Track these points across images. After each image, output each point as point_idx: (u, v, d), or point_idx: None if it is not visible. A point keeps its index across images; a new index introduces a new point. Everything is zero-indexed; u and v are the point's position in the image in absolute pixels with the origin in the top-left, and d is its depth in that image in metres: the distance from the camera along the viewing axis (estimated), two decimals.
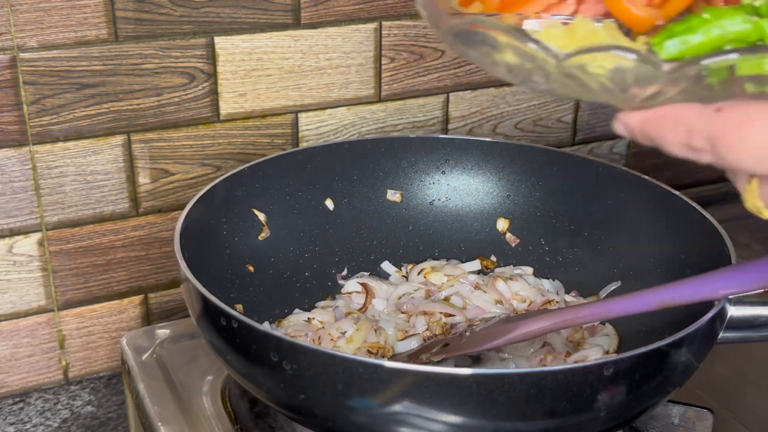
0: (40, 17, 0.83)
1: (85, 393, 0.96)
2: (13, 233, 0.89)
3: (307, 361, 0.61)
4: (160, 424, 0.76)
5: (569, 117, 1.14)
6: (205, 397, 0.80)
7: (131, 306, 0.97)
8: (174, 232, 0.74)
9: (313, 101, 0.98)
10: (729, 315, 0.68)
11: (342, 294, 0.87)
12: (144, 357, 0.85)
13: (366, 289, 0.86)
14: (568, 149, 1.15)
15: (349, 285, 0.88)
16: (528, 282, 0.87)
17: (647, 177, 0.84)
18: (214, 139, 0.95)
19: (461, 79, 1.05)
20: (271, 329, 0.81)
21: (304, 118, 0.99)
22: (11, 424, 0.91)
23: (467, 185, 0.92)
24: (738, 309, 0.68)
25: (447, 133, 1.07)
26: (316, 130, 1.00)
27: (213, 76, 0.92)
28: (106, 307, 0.96)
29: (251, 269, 0.84)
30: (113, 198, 0.92)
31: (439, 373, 0.58)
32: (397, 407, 0.60)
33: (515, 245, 0.91)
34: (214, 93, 0.93)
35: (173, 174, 0.94)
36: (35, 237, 0.90)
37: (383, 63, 1.00)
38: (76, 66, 0.86)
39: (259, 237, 0.85)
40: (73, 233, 0.92)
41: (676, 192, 0.82)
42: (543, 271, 0.90)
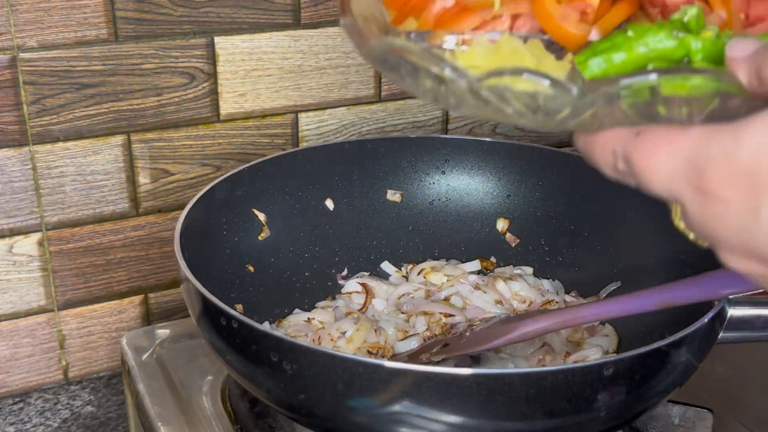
0: (40, 17, 0.83)
1: (85, 393, 0.96)
2: (13, 233, 0.89)
3: (307, 361, 0.61)
4: (160, 424, 0.76)
5: None
6: (205, 397, 0.80)
7: (131, 306, 0.97)
8: (174, 232, 0.74)
9: (313, 101, 0.98)
10: (729, 315, 0.68)
11: (342, 294, 0.87)
12: (144, 357, 0.85)
13: (366, 289, 0.86)
14: (568, 149, 1.14)
15: (349, 285, 0.88)
16: (528, 282, 0.87)
17: None
18: (214, 139, 0.95)
19: None
20: (271, 329, 0.81)
21: (304, 118, 0.99)
22: (11, 424, 0.91)
23: (467, 185, 0.92)
24: (738, 309, 0.68)
25: (447, 133, 1.07)
26: (316, 130, 1.00)
27: (213, 76, 0.92)
28: (106, 307, 0.96)
29: (251, 269, 0.84)
30: (113, 198, 0.92)
31: (439, 373, 0.58)
32: (397, 407, 0.60)
33: (515, 245, 0.91)
34: (214, 93, 0.93)
35: (173, 174, 0.94)
36: (35, 237, 0.90)
37: None
38: (76, 66, 0.86)
39: (259, 237, 0.85)
40: (73, 233, 0.92)
41: None
42: (543, 271, 0.90)
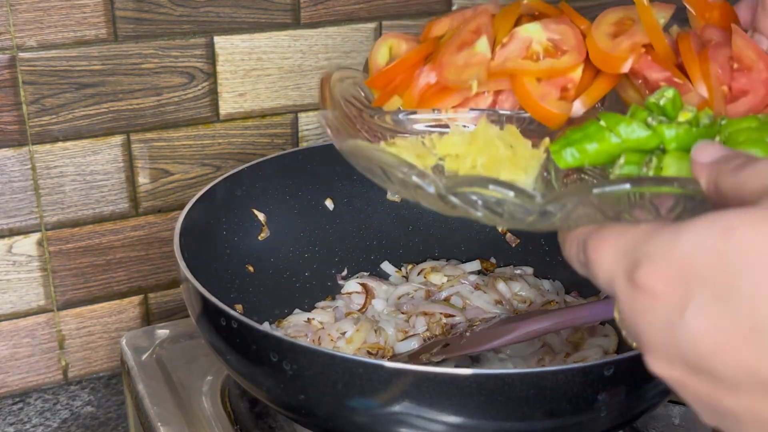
0: (39, 17, 0.83)
1: (85, 393, 0.96)
2: (13, 233, 0.89)
3: (307, 362, 0.61)
4: (159, 424, 0.76)
5: None
6: (205, 398, 0.80)
7: (131, 306, 0.97)
8: (174, 232, 0.74)
9: (313, 101, 0.98)
10: None
11: (342, 294, 0.87)
12: (144, 357, 0.85)
13: (366, 290, 0.86)
14: None
15: (349, 285, 0.87)
16: (528, 282, 0.87)
17: None
18: (213, 139, 0.95)
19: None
20: (271, 329, 0.81)
21: (303, 117, 0.98)
22: (11, 424, 0.91)
23: None
24: None
25: None
26: (315, 130, 0.99)
27: (213, 75, 0.92)
28: (105, 307, 0.96)
29: (251, 269, 0.83)
30: (113, 198, 0.92)
31: (440, 374, 0.58)
32: (397, 407, 0.60)
33: (515, 245, 0.91)
34: (213, 93, 0.93)
35: (173, 174, 0.94)
36: (35, 237, 0.90)
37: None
38: (75, 66, 0.86)
39: (259, 237, 0.85)
40: (73, 233, 0.92)
41: None
42: (543, 272, 0.90)
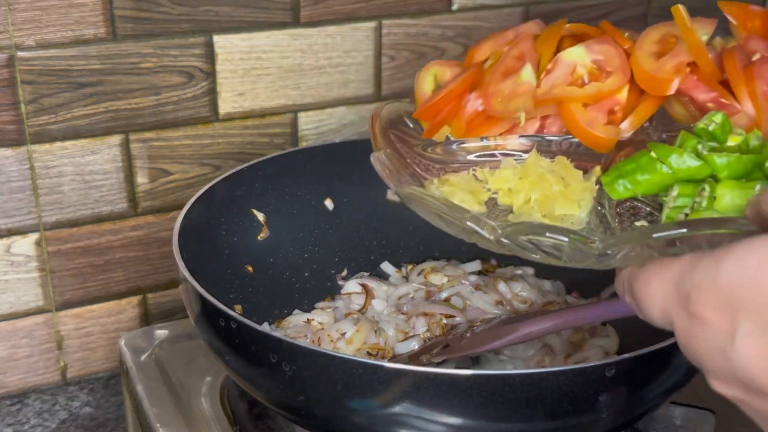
0: (38, 16, 0.83)
1: (84, 394, 0.96)
2: (11, 233, 0.89)
3: (307, 362, 0.60)
4: (158, 425, 0.76)
5: None
6: (204, 398, 0.79)
7: (130, 306, 0.97)
8: (173, 232, 0.73)
9: (313, 100, 0.98)
10: None
11: (342, 294, 0.87)
12: (142, 358, 0.85)
13: (366, 290, 0.86)
14: None
15: (349, 285, 0.87)
16: (529, 283, 0.87)
17: None
18: (213, 139, 0.94)
19: None
20: (271, 330, 0.81)
21: (303, 117, 0.98)
22: (9, 425, 0.91)
23: None
24: None
25: None
26: (315, 129, 0.99)
27: (212, 75, 0.92)
28: (104, 308, 0.96)
29: (250, 269, 0.83)
30: (111, 198, 0.92)
31: (440, 374, 0.58)
32: (397, 408, 0.59)
33: None
34: (212, 92, 0.93)
35: (172, 174, 0.94)
36: (33, 237, 0.90)
37: (383, 62, 0.99)
38: (74, 65, 0.86)
39: (259, 237, 0.85)
40: (72, 233, 0.91)
41: None
42: (544, 272, 0.89)
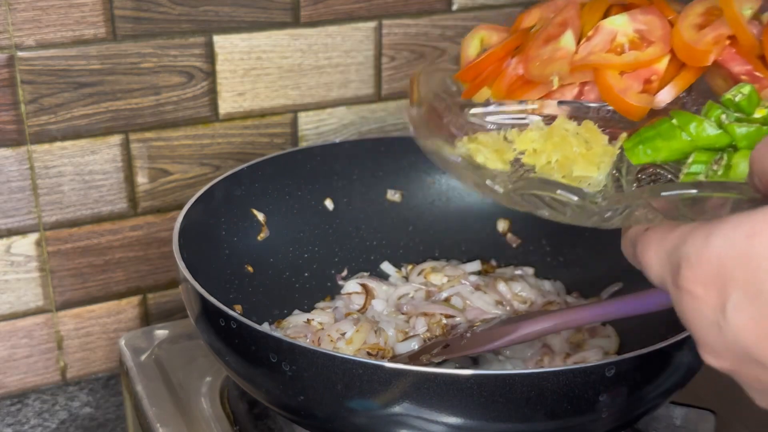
0: (38, 16, 0.83)
1: (83, 394, 0.96)
2: (11, 233, 0.89)
3: (307, 362, 0.60)
4: (158, 425, 0.76)
5: None
6: (204, 399, 0.79)
7: (129, 306, 0.97)
8: (173, 232, 0.73)
9: (313, 100, 0.98)
10: None
11: (342, 294, 0.87)
12: (142, 358, 0.85)
13: (366, 290, 0.86)
14: None
15: (349, 285, 0.87)
16: (529, 283, 0.87)
17: None
18: (212, 139, 0.94)
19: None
20: (271, 330, 0.81)
21: (303, 117, 0.98)
22: (9, 425, 0.91)
23: None
24: None
25: None
26: (315, 129, 0.99)
27: (212, 75, 0.92)
28: (104, 308, 0.96)
29: (250, 269, 0.83)
30: (111, 198, 0.92)
31: (440, 374, 0.58)
32: (398, 408, 0.59)
33: (516, 246, 0.91)
34: (212, 92, 0.93)
35: (172, 174, 0.94)
36: (33, 237, 0.90)
37: (383, 62, 0.99)
38: (74, 65, 0.86)
39: (259, 237, 0.85)
40: (71, 233, 0.91)
41: None
42: (544, 272, 0.89)
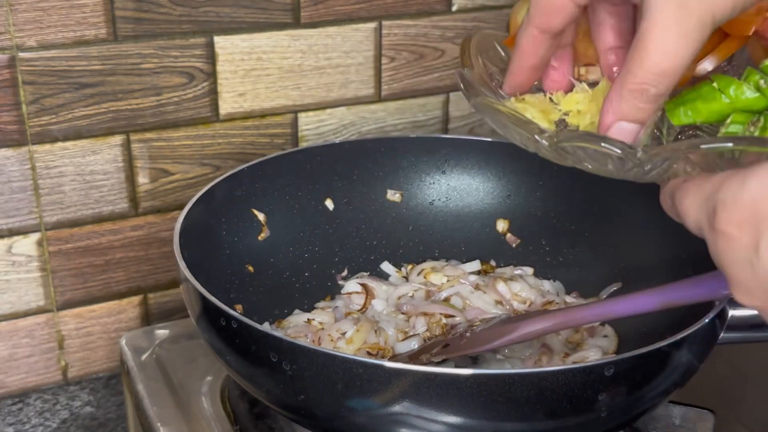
0: (39, 17, 0.83)
1: (84, 393, 0.96)
2: (12, 233, 0.89)
3: (307, 362, 0.61)
4: (159, 424, 0.76)
5: None
6: (205, 398, 0.79)
7: (130, 306, 0.97)
8: (173, 232, 0.74)
9: (313, 101, 0.98)
10: (730, 315, 0.67)
11: (342, 294, 0.87)
12: (143, 357, 0.85)
13: (366, 290, 0.86)
14: None
15: (349, 285, 0.87)
16: (528, 283, 0.87)
17: None
18: (213, 139, 0.95)
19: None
20: (271, 330, 0.81)
21: (303, 117, 0.98)
22: (10, 424, 0.91)
23: (467, 185, 0.92)
24: (739, 309, 0.67)
25: (447, 133, 1.07)
26: (315, 129, 0.99)
27: (212, 75, 0.92)
28: (105, 308, 0.96)
29: (251, 269, 0.83)
30: (112, 198, 0.92)
31: (440, 374, 0.58)
32: (398, 408, 0.60)
33: (516, 245, 0.91)
34: (213, 93, 0.93)
35: (172, 174, 0.94)
36: (34, 237, 0.90)
37: (383, 62, 1.00)
38: (75, 66, 0.86)
39: (259, 237, 0.85)
40: (72, 233, 0.92)
41: None
42: (544, 272, 0.89)
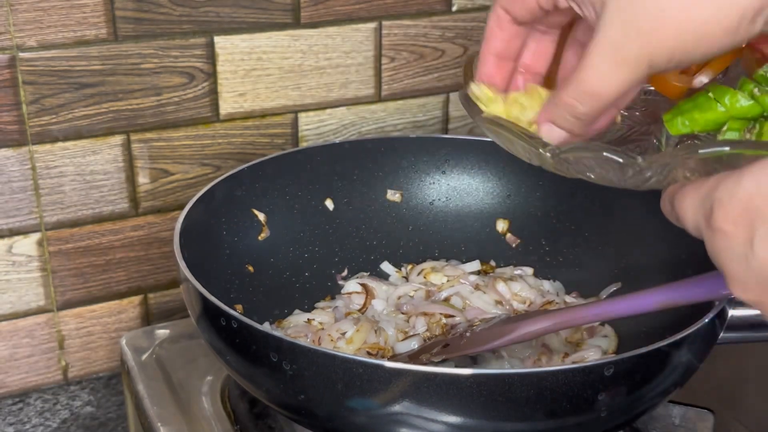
0: (39, 17, 0.83)
1: (85, 393, 0.96)
2: (13, 233, 0.89)
3: (307, 362, 0.61)
4: (159, 424, 0.76)
5: None
6: (205, 398, 0.80)
7: (131, 306, 0.97)
8: (173, 232, 0.74)
9: (313, 101, 0.98)
10: (729, 315, 0.67)
11: (342, 294, 0.87)
12: (143, 357, 0.85)
13: (366, 290, 0.86)
14: None
15: (349, 285, 0.87)
16: (528, 283, 0.87)
17: None
18: (213, 139, 0.95)
19: (461, 79, 1.05)
20: (271, 330, 0.81)
21: (303, 117, 0.98)
22: (11, 424, 0.91)
23: (467, 185, 0.92)
24: (739, 309, 0.68)
25: (447, 133, 1.07)
26: (315, 129, 0.99)
27: (212, 75, 0.92)
28: (105, 308, 0.96)
29: (251, 269, 0.83)
30: (112, 198, 0.92)
31: (440, 374, 0.58)
32: (397, 408, 0.60)
33: (515, 246, 0.91)
34: (213, 93, 0.93)
35: (173, 174, 0.94)
36: (34, 237, 0.90)
37: (383, 62, 1.00)
38: (75, 66, 0.86)
39: (259, 237, 0.85)
40: (73, 233, 0.92)
41: None
42: (543, 272, 0.89)
